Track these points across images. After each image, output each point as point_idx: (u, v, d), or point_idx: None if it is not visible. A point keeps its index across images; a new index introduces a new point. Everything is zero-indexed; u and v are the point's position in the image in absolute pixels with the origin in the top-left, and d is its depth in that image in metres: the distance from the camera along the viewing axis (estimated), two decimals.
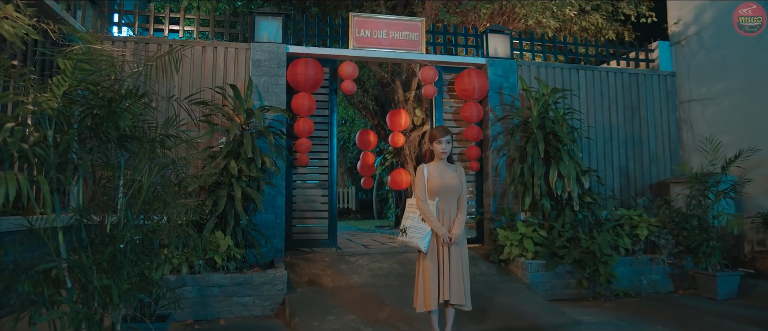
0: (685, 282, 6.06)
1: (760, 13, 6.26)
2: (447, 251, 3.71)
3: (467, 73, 6.65)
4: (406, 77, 9.42)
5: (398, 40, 6.69)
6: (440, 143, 3.81)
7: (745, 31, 6.31)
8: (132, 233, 2.55)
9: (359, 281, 5.52)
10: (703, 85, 7.23)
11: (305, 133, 6.22)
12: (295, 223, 6.44)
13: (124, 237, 2.47)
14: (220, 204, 5.12)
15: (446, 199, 3.78)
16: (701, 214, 5.81)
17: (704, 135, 7.01)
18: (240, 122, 5.68)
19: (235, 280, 4.97)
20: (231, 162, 5.33)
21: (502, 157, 6.69)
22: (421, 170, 3.87)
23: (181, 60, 6.13)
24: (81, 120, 2.48)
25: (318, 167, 6.56)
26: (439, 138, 3.82)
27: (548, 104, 6.27)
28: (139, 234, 2.61)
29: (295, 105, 6.16)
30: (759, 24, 6.29)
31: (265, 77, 6.20)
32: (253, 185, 5.49)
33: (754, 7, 6.25)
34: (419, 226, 3.76)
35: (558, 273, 5.67)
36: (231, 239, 5.20)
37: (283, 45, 6.29)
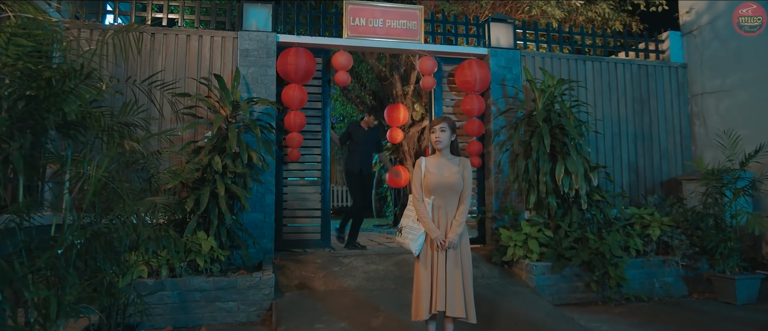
0: (700, 285, 5.69)
1: (760, 13, 6.12)
2: (442, 256, 3.32)
3: (468, 64, 6.29)
4: (404, 71, 9.06)
5: (395, 29, 6.32)
6: (434, 132, 3.44)
7: (745, 31, 6.20)
8: (75, 235, 2.19)
9: (353, 284, 5.16)
10: (717, 77, 6.86)
11: (296, 127, 5.86)
12: (286, 222, 6.08)
13: (65, 241, 2.11)
14: (203, 202, 4.76)
15: (444, 197, 3.39)
16: (718, 213, 5.44)
17: (718, 129, 6.64)
18: (225, 115, 5.32)
19: (218, 284, 4.62)
20: (215, 157, 4.98)
21: (505, 152, 6.32)
22: (418, 164, 3.50)
23: (164, 48, 5.84)
24: (13, 104, 2.12)
25: (311, 163, 6.20)
26: (433, 126, 3.45)
27: (554, 96, 5.91)
28: (82, 236, 2.25)
29: (286, 97, 5.80)
30: (759, 24, 6.15)
31: (254, 68, 5.84)
32: (238, 182, 5.14)
33: (754, 7, 6.13)
34: (414, 226, 3.39)
35: (565, 276, 5.31)
36: (214, 239, 4.84)
37: (273, 34, 5.93)
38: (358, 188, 6.60)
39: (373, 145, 6.77)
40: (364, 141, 6.64)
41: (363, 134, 6.64)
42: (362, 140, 6.61)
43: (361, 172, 6.60)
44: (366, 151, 6.69)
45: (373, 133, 6.76)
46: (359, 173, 6.57)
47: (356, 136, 6.63)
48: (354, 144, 6.65)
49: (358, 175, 6.57)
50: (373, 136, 6.76)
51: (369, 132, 6.70)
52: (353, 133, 6.67)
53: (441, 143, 3.44)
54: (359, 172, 6.57)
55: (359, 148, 6.61)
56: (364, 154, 6.67)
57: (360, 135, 6.63)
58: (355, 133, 6.65)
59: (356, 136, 6.63)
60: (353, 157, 6.62)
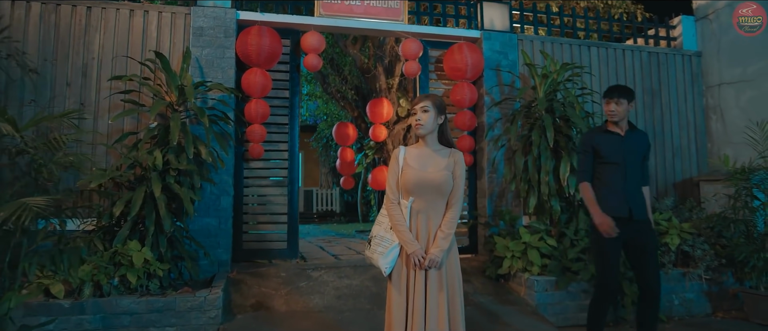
0: (725, 302, 4.92)
1: (760, 12, 5.77)
2: (421, 277, 2.49)
3: (458, 48, 5.49)
4: (389, 62, 8.26)
5: (374, 8, 5.52)
6: (414, 112, 2.62)
7: (745, 31, 5.86)
8: None
9: (320, 303, 4.33)
10: (736, 66, 6.10)
11: (259, 119, 5.03)
12: (247, 229, 5.24)
13: None
14: (135, 205, 3.91)
15: (426, 200, 2.55)
16: (749, 218, 4.67)
17: (738, 124, 5.89)
18: (170, 101, 4.48)
19: (152, 305, 3.77)
20: (155, 151, 4.14)
21: (501, 148, 5.52)
22: (395, 155, 2.66)
23: (102, 25, 4.97)
24: None
25: (276, 161, 5.36)
26: (414, 106, 2.63)
27: (557, 83, 5.12)
28: None
29: (246, 83, 4.98)
30: (759, 24, 5.80)
31: (209, 49, 5.00)
32: (185, 181, 4.30)
33: (754, 6, 5.79)
34: (385, 236, 2.57)
35: (571, 293, 4.50)
36: (151, 250, 4.00)
37: (233, 10, 5.10)
38: None
39: None
40: None
41: None
42: None
43: None
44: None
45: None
46: None
47: None
48: None
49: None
50: None
51: None
52: None
53: (423, 127, 2.59)
54: None
55: None
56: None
57: None
58: None
59: None
60: None
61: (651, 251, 3.36)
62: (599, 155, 3.47)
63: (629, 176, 3.38)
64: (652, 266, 3.35)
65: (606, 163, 3.44)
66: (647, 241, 3.36)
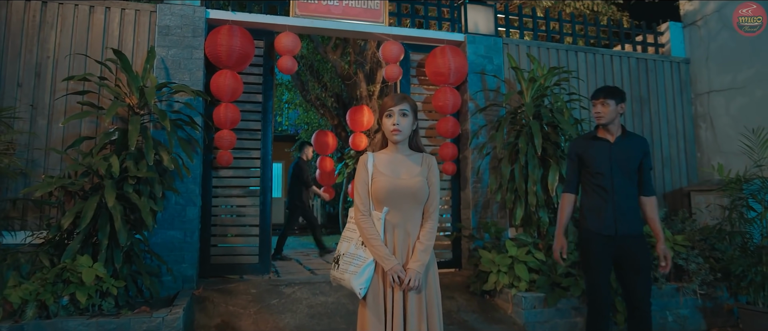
0: (720, 318, 4.69)
1: (760, 12, 5.64)
2: (399, 297, 2.20)
3: (441, 52, 5.23)
4: (370, 69, 8.01)
5: (353, 9, 5.25)
6: (390, 115, 2.34)
7: (745, 32, 5.69)
8: None
9: (292, 323, 4.00)
10: (726, 73, 5.95)
11: (228, 124, 4.71)
12: (216, 242, 4.89)
13: None
14: (86, 216, 3.55)
15: (401, 210, 2.28)
16: (745, 230, 4.46)
17: (729, 132, 5.72)
18: (130, 104, 4.14)
19: (102, 327, 3.40)
20: (112, 158, 3.79)
21: (486, 157, 5.26)
22: (363, 162, 2.39)
23: (59, 22, 4.60)
24: None
25: (247, 169, 5.03)
26: (389, 108, 2.34)
27: (545, 88, 4.89)
28: None
29: (215, 86, 4.66)
30: (759, 24, 5.65)
31: (176, 49, 4.68)
32: (144, 190, 3.94)
33: (754, 6, 5.65)
34: (356, 253, 2.26)
35: (561, 310, 4.23)
36: (104, 266, 3.63)
37: (202, 8, 4.79)
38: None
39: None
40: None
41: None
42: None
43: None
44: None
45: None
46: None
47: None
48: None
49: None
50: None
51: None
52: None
53: (401, 134, 2.33)
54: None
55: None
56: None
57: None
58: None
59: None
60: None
61: (643, 269, 3.08)
62: (584, 164, 3.20)
63: (617, 187, 3.10)
64: (642, 285, 3.07)
65: (592, 174, 3.17)
66: (638, 258, 3.08)
